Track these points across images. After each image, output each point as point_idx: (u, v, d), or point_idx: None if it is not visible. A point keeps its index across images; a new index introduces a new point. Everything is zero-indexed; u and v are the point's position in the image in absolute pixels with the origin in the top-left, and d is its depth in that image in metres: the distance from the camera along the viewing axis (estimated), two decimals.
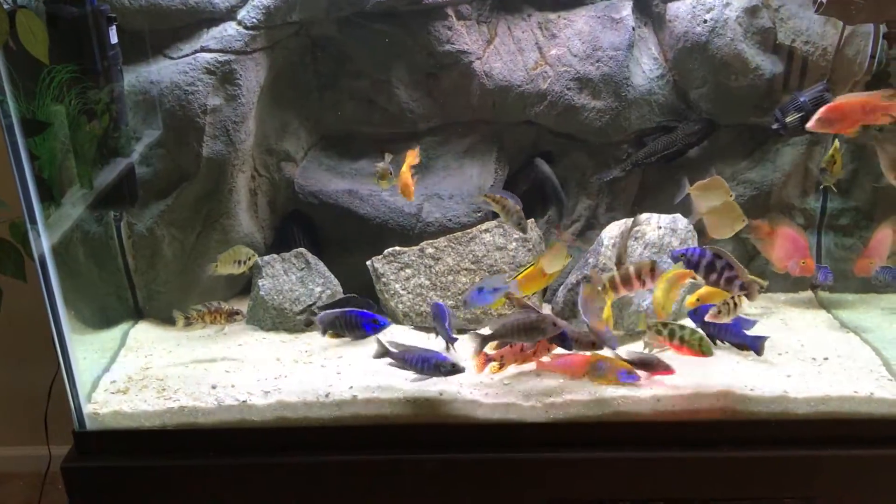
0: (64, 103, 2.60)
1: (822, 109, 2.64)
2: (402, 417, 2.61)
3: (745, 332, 2.82)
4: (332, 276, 3.23)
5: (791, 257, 3.02)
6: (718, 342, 2.83)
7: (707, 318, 2.69)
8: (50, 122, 2.57)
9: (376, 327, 2.77)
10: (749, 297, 2.61)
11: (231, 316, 3.03)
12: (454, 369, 2.58)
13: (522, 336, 2.60)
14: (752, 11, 3.07)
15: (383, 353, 2.66)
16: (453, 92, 3.25)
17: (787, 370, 2.72)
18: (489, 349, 2.69)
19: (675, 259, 2.72)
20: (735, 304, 2.64)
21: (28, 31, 2.10)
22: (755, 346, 2.81)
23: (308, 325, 3.10)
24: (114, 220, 3.07)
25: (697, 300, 2.89)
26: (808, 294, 3.37)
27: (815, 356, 2.81)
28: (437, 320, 2.88)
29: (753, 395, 2.58)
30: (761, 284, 3.06)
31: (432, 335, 3.13)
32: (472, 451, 2.59)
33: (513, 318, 2.62)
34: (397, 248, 3.18)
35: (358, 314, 2.78)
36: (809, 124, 2.68)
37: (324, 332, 2.85)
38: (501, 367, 2.71)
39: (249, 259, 3.08)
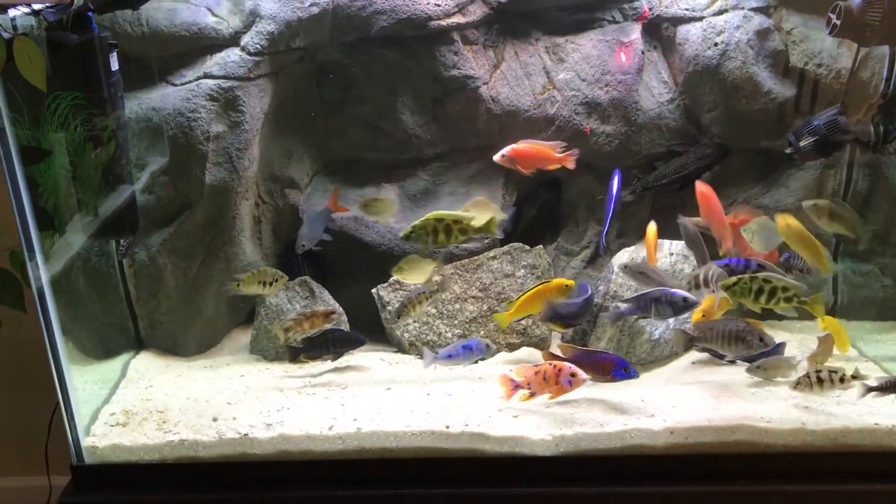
0: (68, 130, 2.57)
1: (506, 149, 2.76)
2: (407, 451, 2.55)
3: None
4: (337, 304, 3.18)
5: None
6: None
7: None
8: (50, 150, 2.54)
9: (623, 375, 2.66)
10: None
11: (328, 316, 2.96)
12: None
13: (726, 344, 2.57)
14: (763, 34, 3.03)
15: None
16: (460, 117, 3.21)
17: (804, 401, 2.64)
18: (517, 376, 2.61)
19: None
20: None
21: (25, 58, 2.07)
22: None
23: (294, 359, 3.00)
24: (118, 251, 3.03)
25: (703, 315, 2.81)
26: None
27: (838, 392, 2.72)
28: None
29: (770, 427, 2.51)
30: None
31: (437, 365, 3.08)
32: (479, 485, 2.52)
33: (721, 323, 2.58)
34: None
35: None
36: (495, 157, 2.78)
37: (294, 359, 2.92)
38: (532, 395, 2.63)
39: (277, 280, 2.96)
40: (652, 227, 2.94)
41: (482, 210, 2.77)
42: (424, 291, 2.87)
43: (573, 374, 2.54)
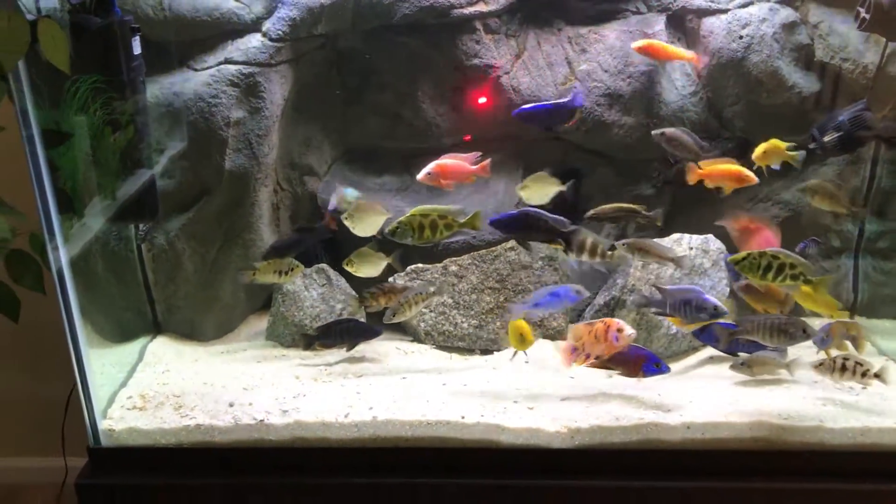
0: (88, 114, 2.57)
1: (430, 166, 2.75)
2: (422, 440, 2.55)
3: None
4: (354, 292, 3.17)
5: None
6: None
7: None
8: (71, 133, 2.54)
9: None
10: None
11: (403, 292, 2.92)
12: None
13: (769, 337, 2.55)
14: (789, 27, 3.00)
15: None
16: (480, 107, 3.19)
17: (822, 399, 2.62)
18: (572, 339, 2.59)
19: (726, 262, 2.82)
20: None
21: (50, 40, 2.06)
22: (779, 347, 2.76)
23: (308, 347, 3.00)
24: (137, 235, 3.04)
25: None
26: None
27: (852, 385, 2.70)
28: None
29: (787, 424, 2.49)
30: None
31: (454, 354, 3.08)
32: (494, 476, 2.52)
33: (763, 316, 2.56)
34: (420, 264, 3.12)
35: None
36: (419, 176, 2.77)
37: (308, 347, 2.93)
38: (587, 358, 2.59)
39: (293, 269, 2.95)
40: None
41: (541, 183, 2.78)
42: (421, 293, 2.88)
43: (619, 330, 2.50)
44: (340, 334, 2.97)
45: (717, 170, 2.79)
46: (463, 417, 2.55)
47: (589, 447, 2.51)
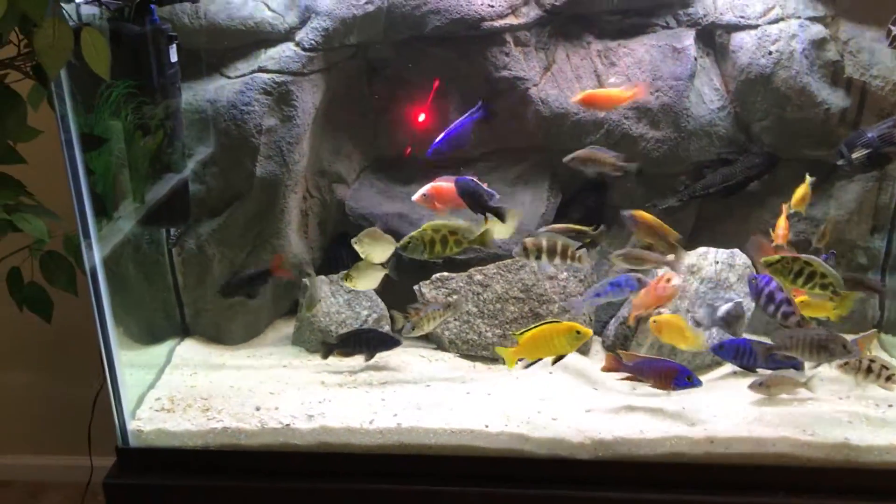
0: (120, 118, 2.62)
1: (427, 187, 2.78)
2: (446, 448, 2.56)
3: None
4: (379, 299, 3.20)
5: None
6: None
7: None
8: (108, 138, 2.59)
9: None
10: None
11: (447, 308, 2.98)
12: None
13: (808, 353, 2.53)
14: (819, 44, 3.00)
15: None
16: (508, 118, 3.21)
17: (848, 416, 2.61)
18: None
19: (749, 281, 2.77)
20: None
21: (92, 48, 2.11)
22: (796, 363, 2.73)
23: (327, 356, 3.02)
24: (168, 240, 3.08)
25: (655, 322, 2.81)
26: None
27: (878, 402, 2.69)
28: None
29: (812, 440, 2.48)
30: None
31: (477, 363, 3.09)
32: (516, 486, 2.53)
33: (801, 332, 2.54)
34: (445, 273, 3.14)
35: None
36: (414, 197, 2.80)
37: (327, 355, 2.96)
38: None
39: None
40: None
41: (375, 241, 2.91)
42: (439, 309, 2.91)
43: (668, 280, 2.61)
44: (360, 344, 2.99)
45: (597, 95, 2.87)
46: (487, 426, 2.57)
47: (612, 459, 2.51)
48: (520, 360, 2.68)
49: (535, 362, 2.67)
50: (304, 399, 2.75)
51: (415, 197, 2.80)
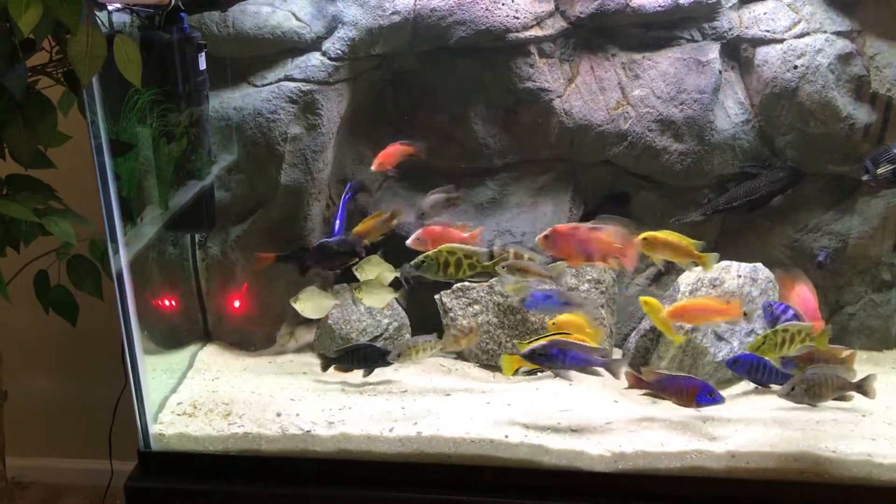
0: (146, 125, 2.65)
1: (420, 231, 2.83)
2: (465, 458, 2.56)
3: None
4: (400, 308, 3.21)
5: None
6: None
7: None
8: (135, 144, 2.62)
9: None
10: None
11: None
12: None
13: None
14: (845, 58, 2.99)
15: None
16: (531, 129, 3.22)
17: (871, 433, 2.58)
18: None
19: (764, 308, 2.84)
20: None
21: (124, 56, 2.14)
22: None
23: (326, 369, 3.00)
24: (194, 245, 3.11)
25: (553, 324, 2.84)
26: (893, 353, 3.23)
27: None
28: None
29: (835, 456, 2.46)
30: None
31: (497, 373, 3.09)
32: (536, 497, 2.52)
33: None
34: (466, 283, 3.15)
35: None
36: (409, 242, 2.82)
37: (325, 368, 2.96)
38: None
39: None
40: None
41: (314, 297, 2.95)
42: (429, 340, 2.89)
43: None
44: (358, 359, 2.98)
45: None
46: (507, 437, 2.57)
47: (632, 472, 2.50)
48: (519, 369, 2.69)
49: (536, 371, 2.66)
50: (324, 406, 2.76)
51: (409, 241, 2.84)
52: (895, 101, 3.01)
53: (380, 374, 2.99)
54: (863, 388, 2.70)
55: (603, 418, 2.70)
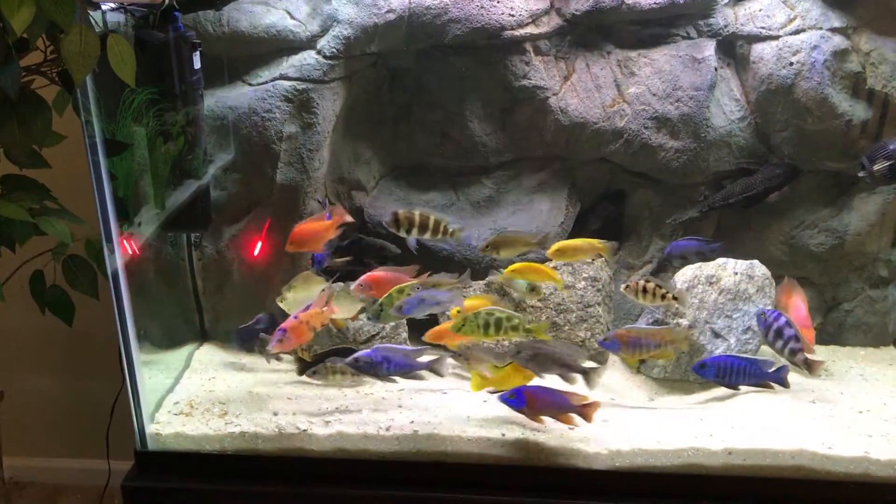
0: (142, 125, 2.65)
1: (363, 277, 2.80)
2: (462, 456, 2.56)
3: (765, 370, 2.78)
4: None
5: None
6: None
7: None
8: (130, 143, 2.61)
9: None
10: (809, 369, 2.84)
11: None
12: None
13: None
14: (841, 55, 2.99)
15: None
16: (527, 127, 3.22)
17: (868, 430, 2.59)
18: None
19: (758, 316, 2.87)
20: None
21: (118, 55, 2.13)
22: (779, 378, 2.77)
23: (302, 372, 2.97)
24: (190, 245, 3.11)
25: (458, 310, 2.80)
26: (891, 350, 3.23)
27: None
28: None
29: (831, 453, 2.47)
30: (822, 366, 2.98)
31: None
32: (533, 495, 2.52)
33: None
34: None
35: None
36: (352, 288, 2.80)
37: (302, 372, 2.92)
38: None
39: None
40: None
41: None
42: (354, 372, 2.80)
43: None
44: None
45: None
46: (503, 434, 2.57)
47: (629, 469, 2.50)
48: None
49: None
50: (321, 405, 2.76)
51: (352, 287, 2.83)
52: (891, 98, 3.01)
53: None
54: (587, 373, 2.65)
55: (600, 416, 2.70)
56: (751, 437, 2.53)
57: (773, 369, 2.79)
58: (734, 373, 2.76)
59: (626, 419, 2.69)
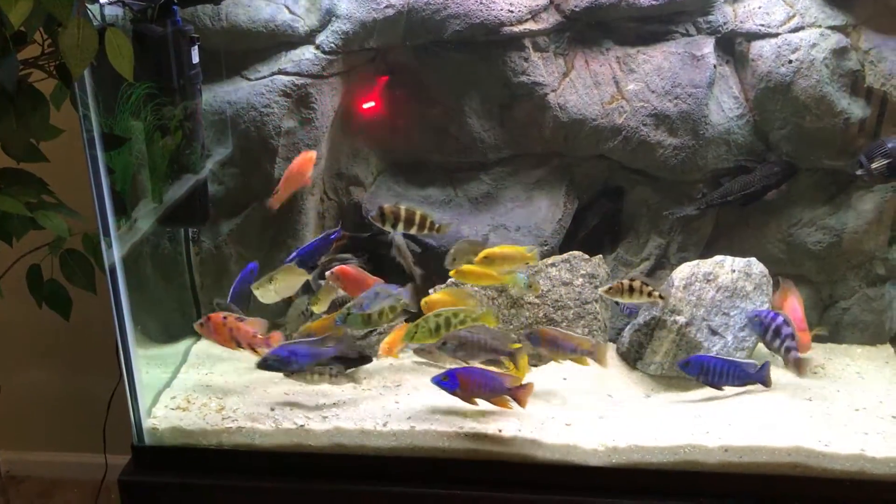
0: (140, 119, 2.64)
1: (336, 269, 2.88)
2: (459, 452, 2.57)
3: (748, 371, 2.78)
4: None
5: None
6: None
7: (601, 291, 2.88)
8: (129, 137, 2.61)
9: None
10: (798, 369, 2.83)
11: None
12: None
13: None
14: (840, 53, 2.99)
15: None
16: (526, 123, 3.22)
17: (864, 427, 2.59)
18: None
19: (750, 319, 2.88)
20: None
21: (116, 49, 2.13)
22: (761, 377, 2.77)
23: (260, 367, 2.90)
24: (188, 239, 3.10)
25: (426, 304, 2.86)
26: (887, 348, 3.23)
27: (895, 414, 2.67)
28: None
29: (828, 451, 2.47)
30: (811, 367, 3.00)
31: (492, 368, 3.08)
32: (529, 491, 2.53)
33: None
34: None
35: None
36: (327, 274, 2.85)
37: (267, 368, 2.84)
38: None
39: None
40: None
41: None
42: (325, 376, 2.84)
43: None
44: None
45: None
46: (500, 431, 2.57)
47: (626, 466, 2.51)
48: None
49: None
50: (318, 400, 2.76)
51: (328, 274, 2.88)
52: (890, 96, 3.00)
53: (373, 368, 2.99)
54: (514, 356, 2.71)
55: (596, 412, 2.71)
56: (747, 434, 2.53)
57: (755, 370, 2.78)
58: (716, 373, 2.76)
59: (623, 415, 2.69)
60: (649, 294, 2.82)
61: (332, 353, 2.75)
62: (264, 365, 2.72)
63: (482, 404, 2.64)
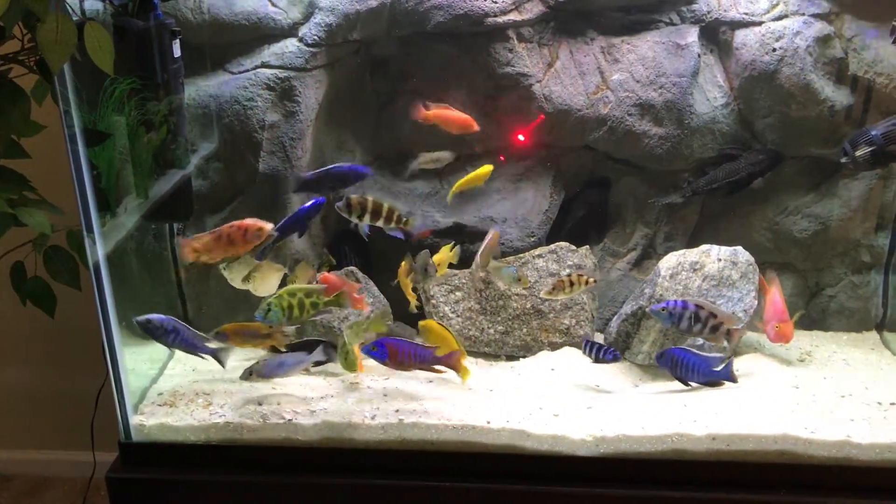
0: (124, 114, 2.62)
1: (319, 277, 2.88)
2: (447, 444, 2.56)
3: (714, 368, 2.77)
4: (382, 295, 3.20)
5: (770, 321, 2.92)
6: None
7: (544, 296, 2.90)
8: (111, 133, 2.59)
9: None
10: (729, 340, 2.77)
11: None
12: None
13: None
14: (823, 41, 2.99)
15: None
16: (512, 114, 3.21)
17: (850, 414, 2.60)
18: None
19: (656, 313, 2.74)
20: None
21: (95, 43, 2.11)
22: (727, 375, 2.77)
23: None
24: (173, 234, 3.09)
25: None
26: (873, 334, 3.25)
27: (880, 400, 2.68)
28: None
29: (814, 438, 2.48)
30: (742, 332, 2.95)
31: (479, 360, 3.10)
32: (517, 482, 2.53)
33: None
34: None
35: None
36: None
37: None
38: None
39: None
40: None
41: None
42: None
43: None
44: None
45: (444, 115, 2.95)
46: (488, 422, 2.57)
47: (614, 455, 2.51)
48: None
49: None
50: (306, 394, 2.76)
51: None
52: (874, 84, 3.01)
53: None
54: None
55: (584, 403, 2.71)
56: (734, 422, 2.54)
57: (719, 367, 2.78)
58: (684, 367, 2.76)
59: (611, 405, 2.70)
60: (587, 282, 2.86)
61: (210, 352, 2.75)
62: (145, 326, 2.71)
63: (476, 399, 2.65)
